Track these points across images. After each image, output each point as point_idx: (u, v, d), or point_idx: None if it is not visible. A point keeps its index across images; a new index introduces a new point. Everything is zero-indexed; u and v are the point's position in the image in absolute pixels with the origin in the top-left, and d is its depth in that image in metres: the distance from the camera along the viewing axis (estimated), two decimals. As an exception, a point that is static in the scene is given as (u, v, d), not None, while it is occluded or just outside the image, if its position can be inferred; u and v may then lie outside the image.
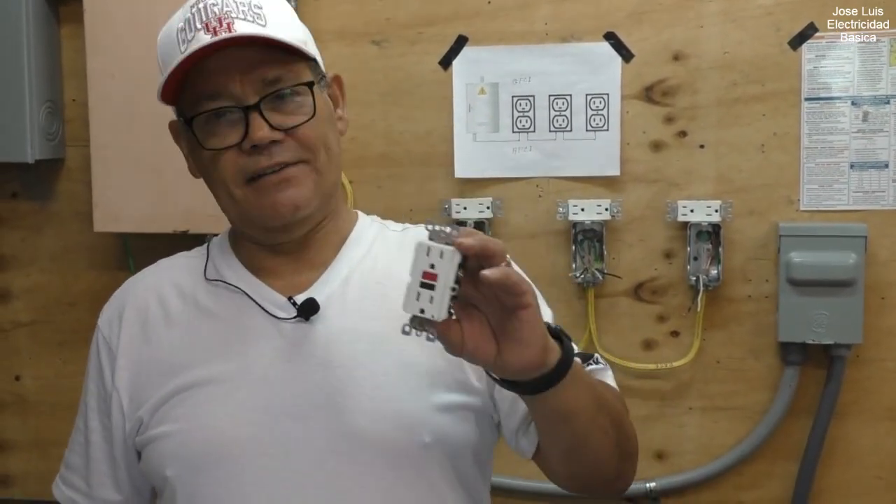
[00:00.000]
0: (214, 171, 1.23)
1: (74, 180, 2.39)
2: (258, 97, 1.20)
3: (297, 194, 1.22)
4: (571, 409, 1.10)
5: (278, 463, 1.21)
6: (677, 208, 2.18)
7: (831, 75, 2.14)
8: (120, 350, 1.31)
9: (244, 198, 1.22)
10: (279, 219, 1.23)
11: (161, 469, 1.25)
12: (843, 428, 2.21)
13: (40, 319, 2.45)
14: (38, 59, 2.27)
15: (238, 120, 1.20)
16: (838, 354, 2.16)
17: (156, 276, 1.37)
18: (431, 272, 0.99)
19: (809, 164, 2.17)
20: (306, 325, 1.25)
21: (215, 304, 1.30)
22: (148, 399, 1.28)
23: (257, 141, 1.19)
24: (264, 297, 1.28)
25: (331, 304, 1.26)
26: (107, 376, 1.32)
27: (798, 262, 2.12)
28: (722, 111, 2.18)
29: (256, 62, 1.21)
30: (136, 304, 1.34)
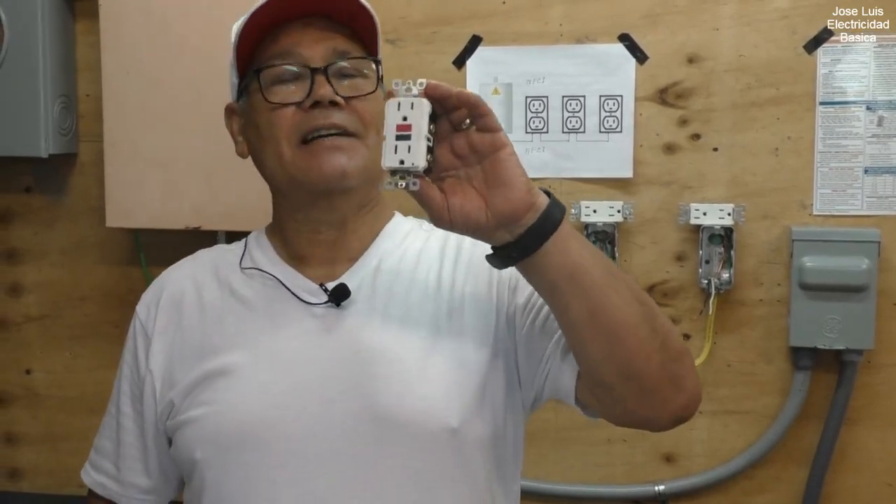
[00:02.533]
0: (269, 128, 1.26)
1: (87, 175, 2.40)
2: (325, 63, 1.25)
3: (347, 161, 1.25)
4: (576, 261, 1.07)
5: (305, 445, 1.22)
6: (690, 211, 2.18)
7: (846, 79, 2.13)
8: (155, 334, 1.35)
9: (293, 159, 1.25)
10: (325, 182, 1.25)
11: (190, 452, 1.27)
12: (853, 434, 2.20)
13: (51, 314, 2.46)
14: (52, 55, 2.28)
15: (304, 82, 1.25)
16: (850, 360, 2.15)
17: (194, 265, 1.42)
18: (405, 124, 1.03)
19: (823, 168, 2.16)
20: (336, 311, 1.28)
21: (249, 291, 1.33)
22: (179, 382, 1.30)
23: (319, 97, 1.23)
24: (297, 283, 1.31)
25: (361, 290, 1.29)
26: (141, 360, 1.36)
27: (810, 266, 2.11)
28: (736, 114, 2.17)
29: (331, 34, 1.28)
30: (173, 290, 1.37)
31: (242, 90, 1.33)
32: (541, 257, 1.06)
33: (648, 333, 1.10)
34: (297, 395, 1.24)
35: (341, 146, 1.24)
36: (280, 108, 1.25)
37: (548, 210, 1.06)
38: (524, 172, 1.06)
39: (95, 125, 2.31)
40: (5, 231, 2.45)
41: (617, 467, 2.30)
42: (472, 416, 1.23)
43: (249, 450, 1.23)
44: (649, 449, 2.29)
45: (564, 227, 1.06)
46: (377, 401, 1.22)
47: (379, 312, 1.28)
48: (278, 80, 1.26)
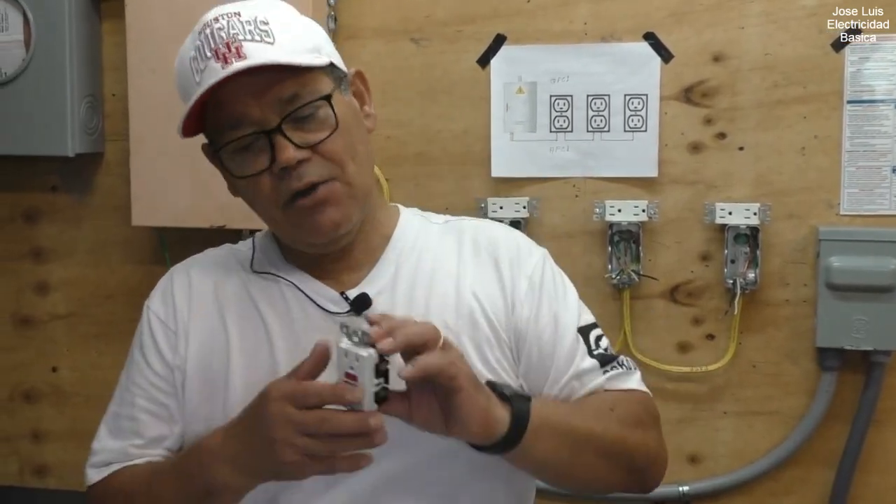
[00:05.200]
0: (252, 195, 1.25)
1: (113, 174, 2.41)
2: (279, 118, 1.20)
3: (336, 213, 1.24)
4: (540, 460, 1.20)
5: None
6: (715, 210, 2.16)
7: (875, 78, 2.11)
8: (179, 328, 1.32)
9: (285, 220, 1.25)
10: (322, 237, 1.25)
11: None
12: (880, 435, 2.19)
13: (77, 312, 2.48)
14: (79, 54, 2.29)
15: (264, 145, 1.21)
16: (877, 361, 2.13)
17: (205, 263, 1.39)
18: (352, 373, 1.07)
19: (850, 167, 2.14)
20: (358, 320, 1.26)
21: (266, 295, 1.32)
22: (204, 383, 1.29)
23: (284, 163, 1.19)
24: (316, 291, 1.30)
25: (381, 298, 1.28)
26: (166, 353, 1.32)
27: (837, 266, 2.10)
28: (762, 113, 2.16)
29: (271, 83, 1.20)
30: (186, 287, 1.35)
31: (209, 150, 1.30)
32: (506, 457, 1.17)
33: (611, 475, 1.27)
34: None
35: (323, 199, 1.22)
36: (253, 178, 1.22)
37: (506, 437, 1.14)
38: (484, 409, 1.11)
39: (121, 124, 2.32)
40: (32, 230, 2.47)
41: (641, 468, 2.29)
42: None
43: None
44: (673, 449, 2.24)
45: (526, 439, 1.15)
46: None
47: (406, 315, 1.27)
48: (238, 148, 1.22)
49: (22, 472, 2.52)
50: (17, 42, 2.26)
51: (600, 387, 1.31)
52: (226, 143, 1.22)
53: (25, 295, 2.49)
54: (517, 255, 1.35)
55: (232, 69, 1.18)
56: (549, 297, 1.35)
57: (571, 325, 1.35)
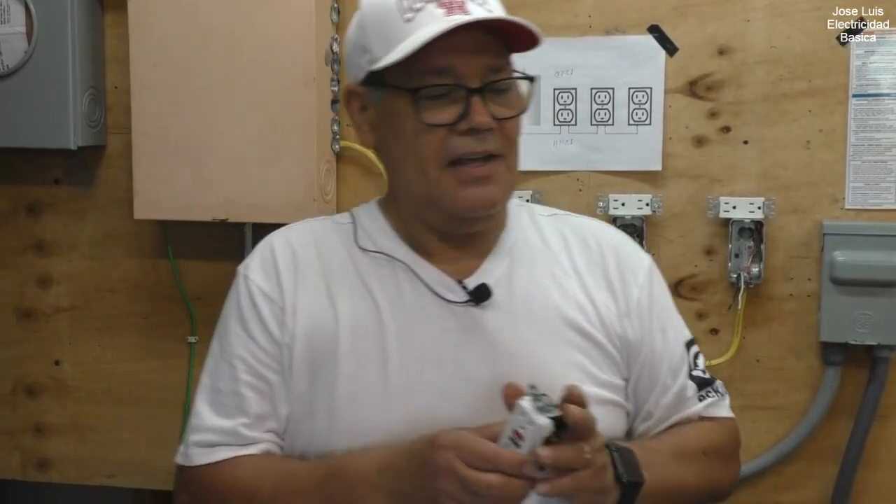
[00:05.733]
0: (417, 145, 1.21)
1: (115, 167, 2.40)
2: (481, 82, 1.20)
3: (495, 192, 1.23)
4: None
5: None
6: (719, 204, 2.16)
7: (880, 71, 2.10)
8: (286, 301, 1.27)
9: (439, 180, 1.21)
10: (472, 212, 1.23)
11: (329, 444, 1.22)
12: (884, 430, 2.18)
13: (80, 305, 2.47)
14: (81, 47, 2.29)
15: (457, 100, 1.19)
16: (881, 356, 2.13)
17: (310, 230, 1.34)
18: (521, 433, 1.07)
19: (856, 161, 2.13)
20: (476, 311, 1.25)
21: (377, 275, 1.28)
22: (311, 360, 1.25)
23: (477, 125, 1.19)
24: (432, 276, 1.27)
25: (498, 289, 1.26)
26: (272, 328, 1.27)
27: (842, 261, 2.09)
28: (767, 107, 2.15)
29: (487, 46, 1.21)
30: (292, 256, 1.30)
31: (379, 83, 1.24)
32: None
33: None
34: (443, 395, 1.22)
35: (490, 174, 1.21)
36: (427, 128, 1.19)
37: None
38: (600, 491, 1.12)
39: (124, 117, 2.32)
40: (35, 223, 2.47)
41: (644, 462, 2.29)
42: (607, 419, 1.23)
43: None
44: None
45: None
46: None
47: (517, 314, 1.26)
48: (430, 95, 1.20)
49: (24, 465, 2.52)
50: (19, 34, 2.26)
51: (697, 414, 1.34)
52: (427, 86, 1.19)
53: (28, 288, 2.49)
54: (628, 262, 1.35)
55: (469, 18, 1.17)
56: (659, 307, 1.35)
57: (680, 340, 1.36)
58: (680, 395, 1.34)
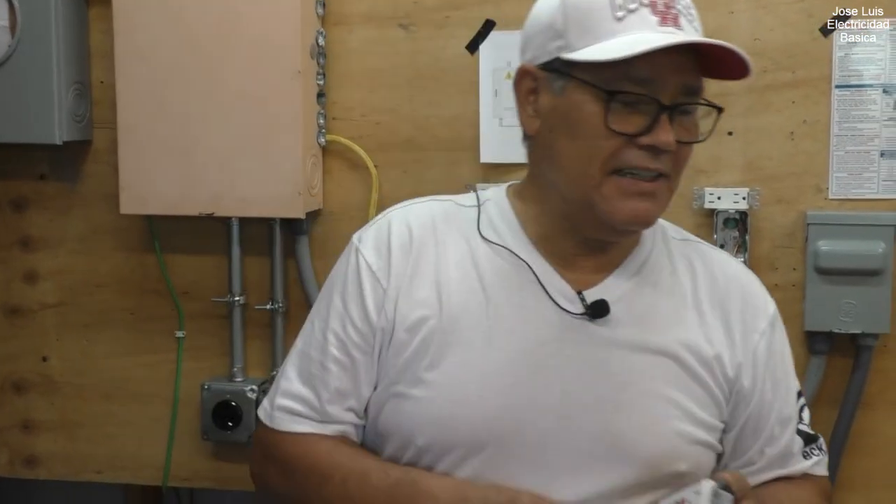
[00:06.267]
0: (589, 147, 1.17)
1: (102, 162, 2.40)
2: (672, 101, 1.17)
3: (654, 210, 1.20)
4: None
5: (536, 454, 1.20)
6: (704, 195, 2.17)
7: (863, 62, 2.12)
8: (391, 284, 1.25)
9: (600, 185, 1.17)
10: (628, 225, 1.21)
11: (409, 431, 1.22)
12: (869, 418, 2.20)
13: (67, 301, 2.47)
14: (66, 41, 2.28)
15: (646, 113, 1.16)
16: (865, 344, 2.14)
17: (430, 211, 1.31)
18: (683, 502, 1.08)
19: (839, 152, 2.15)
20: (590, 325, 1.23)
21: (495, 268, 1.25)
22: (406, 344, 1.23)
23: (661, 144, 1.16)
24: (552, 282, 1.24)
25: (619, 306, 1.24)
26: (370, 309, 1.25)
27: (826, 250, 2.11)
28: (751, 98, 2.16)
29: (686, 66, 1.18)
30: (407, 236, 1.28)
31: (564, 73, 1.20)
32: None
33: None
34: (536, 404, 1.20)
35: (654, 191, 1.18)
36: (613, 133, 1.16)
37: None
38: None
39: (109, 112, 2.31)
40: (20, 218, 2.46)
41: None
42: (699, 460, 1.25)
43: (476, 449, 1.20)
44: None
45: None
46: (617, 430, 1.20)
47: (632, 337, 1.24)
48: (622, 101, 1.16)
49: (12, 462, 2.52)
50: (3, 28, 2.24)
51: (803, 472, 1.34)
52: (625, 91, 1.15)
53: (14, 284, 2.48)
54: (754, 306, 1.33)
55: (687, 39, 1.14)
56: (778, 357, 1.34)
57: (792, 392, 1.35)
58: (787, 450, 1.33)
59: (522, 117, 1.25)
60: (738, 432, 1.31)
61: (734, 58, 1.17)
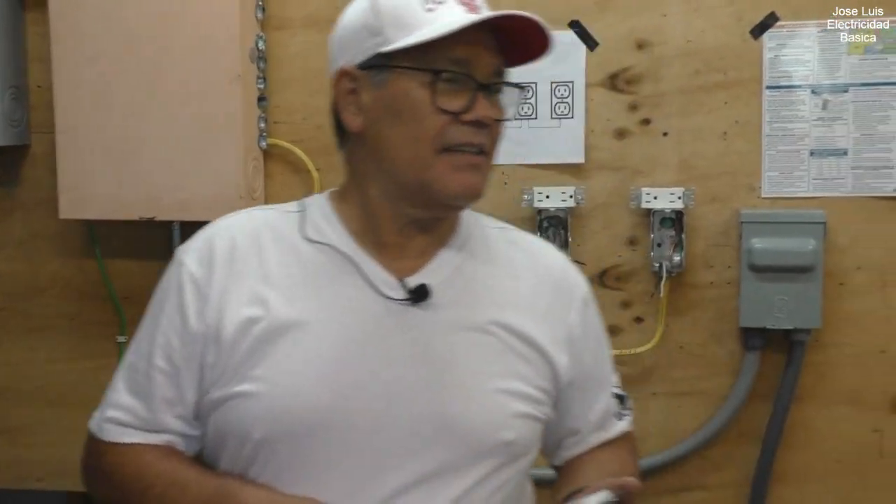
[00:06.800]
0: (420, 128, 1.23)
1: (40, 167, 2.38)
2: (489, 80, 1.24)
3: (481, 182, 1.26)
4: None
5: (367, 440, 1.23)
6: (641, 195, 2.21)
7: (792, 64, 2.17)
8: (212, 292, 1.28)
9: (433, 164, 1.23)
10: (459, 198, 1.26)
11: (245, 427, 1.24)
12: (802, 412, 2.25)
13: (7, 307, 2.45)
14: (2, 45, 2.26)
15: (466, 92, 1.23)
16: (798, 339, 2.19)
17: (249, 221, 1.34)
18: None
19: (770, 151, 2.20)
20: (412, 310, 1.27)
21: (318, 265, 1.29)
22: (235, 346, 1.26)
23: (482, 118, 1.23)
24: (374, 272, 1.28)
25: (438, 292, 1.28)
26: (191, 316, 1.28)
27: (759, 248, 2.15)
28: (685, 99, 2.21)
29: (496, 50, 1.26)
30: (227, 244, 1.30)
31: (385, 66, 1.25)
32: None
33: None
34: (365, 388, 1.24)
35: (479, 164, 1.25)
36: (439, 113, 1.23)
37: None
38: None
39: (48, 116, 2.29)
40: (-42, 224, 2.44)
41: (573, 449, 2.33)
42: (524, 430, 1.29)
43: (310, 437, 1.23)
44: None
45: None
46: (444, 409, 1.25)
47: (454, 318, 1.28)
48: (446, 80, 1.23)
49: (-47, 469, 2.49)
50: (-64, 33, 2.23)
51: (622, 432, 1.44)
52: (449, 70, 1.22)
53: (-47, 290, 2.46)
54: (568, 286, 1.39)
55: (502, 13, 1.22)
56: (592, 331, 1.41)
57: (607, 359, 1.45)
58: (606, 412, 1.42)
59: (345, 117, 1.30)
60: (563, 402, 1.38)
61: (540, 37, 1.27)
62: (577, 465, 1.41)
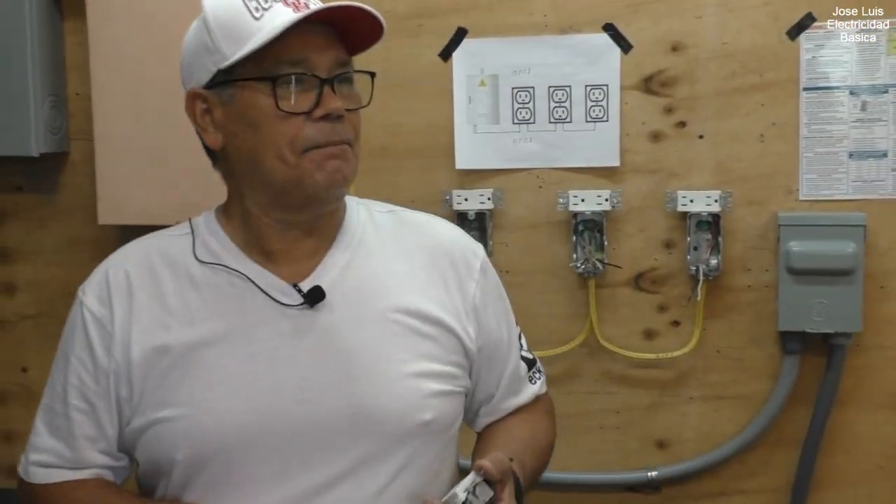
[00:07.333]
0: (275, 134, 1.25)
1: (78, 173, 2.41)
2: (330, 74, 1.26)
3: (348, 169, 1.28)
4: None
5: (288, 444, 1.25)
6: (677, 198, 2.19)
7: (829, 65, 2.15)
8: (116, 328, 1.30)
9: (298, 165, 1.25)
10: (328, 189, 1.27)
11: (168, 451, 1.27)
12: (843, 416, 2.22)
13: (45, 312, 2.47)
14: (41, 54, 2.29)
15: (310, 90, 1.25)
16: (838, 343, 2.17)
17: (140, 251, 1.38)
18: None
19: (808, 153, 2.17)
20: (311, 312, 1.29)
21: (213, 285, 1.31)
22: (145, 376, 1.28)
23: (332, 111, 1.24)
24: (268, 282, 1.30)
25: (333, 290, 1.30)
26: (99, 353, 1.31)
27: (797, 251, 2.13)
28: (721, 101, 2.19)
29: (334, 42, 1.28)
30: (122, 278, 1.33)
31: (226, 82, 1.27)
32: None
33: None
34: (277, 395, 1.26)
35: (343, 153, 1.27)
36: (289, 116, 1.24)
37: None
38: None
39: (86, 123, 2.32)
40: (-2, 231, 2.47)
41: (610, 454, 2.32)
42: (442, 408, 1.32)
43: (233, 451, 1.25)
44: (642, 435, 2.30)
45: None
46: (356, 401, 1.27)
47: (353, 313, 1.30)
48: (286, 84, 1.25)
49: (-6, 473, 2.52)
50: (-23, 43, 2.26)
51: (534, 395, 1.48)
52: (285, 74, 1.24)
53: (-7, 296, 2.49)
54: (464, 258, 1.41)
55: (320, 6, 1.24)
56: (494, 296, 1.44)
57: (512, 323, 1.47)
58: (516, 374, 1.45)
59: (206, 138, 1.32)
60: (476, 370, 1.40)
61: (372, 21, 1.28)
62: (490, 434, 1.44)
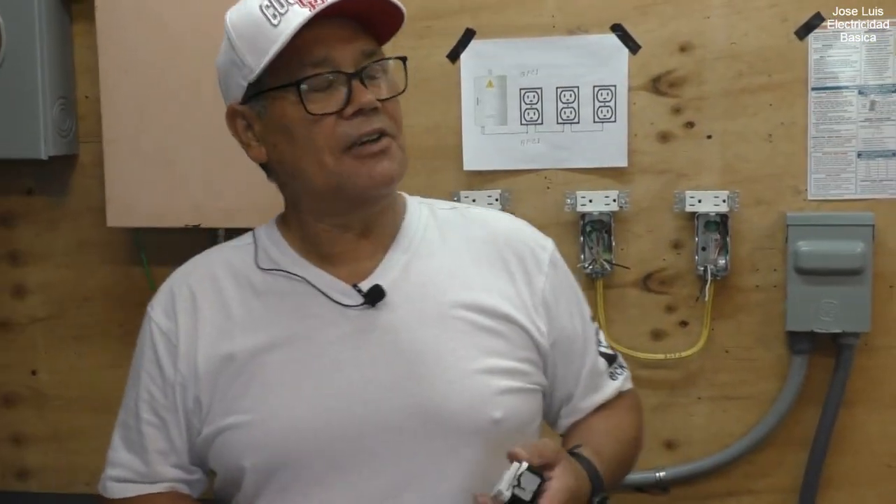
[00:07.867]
0: (310, 139, 1.24)
1: (88, 176, 2.42)
2: (357, 67, 1.25)
3: (392, 167, 1.26)
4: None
5: (355, 446, 1.25)
6: (685, 199, 2.19)
7: (838, 65, 2.15)
8: (181, 341, 1.32)
9: (339, 167, 1.24)
10: (374, 189, 1.26)
11: (237, 459, 1.28)
12: (852, 416, 2.22)
13: (55, 314, 2.48)
14: (50, 57, 2.30)
15: (338, 88, 1.24)
16: (846, 343, 2.17)
17: (206, 264, 1.39)
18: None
19: (816, 153, 2.17)
20: (372, 312, 1.29)
21: (275, 292, 1.32)
22: (213, 386, 1.30)
23: (364, 105, 1.23)
24: (327, 284, 1.31)
25: (395, 289, 1.30)
26: (167, 367, 1.33)
27: (806, 251, 2.13)
28: (729, 102, 2.19)
29: (357, 34, 1.26)
30: (188, 292, 1.35)
31: (258, 94, 1.28)
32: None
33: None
34: (342, 398, 1.26)
35: (385, 149, 1.25)
36: (321, 118, 1.23)
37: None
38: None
39: (95, 126, 2.33)
40: (8, 233, 2.48)
41: (618, 454, 2.32)
42: (513, 405, 1.30)
43: (300, 455, 1.26)
44: (650, 436, 2.28)
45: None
46: (423, 399, 1.26)
47: (415, 311, 1.30)
48: (312, 88, 1.24)
49: (4, 475, 2.53)
50: (-12, 45, 2.26)
51: (617, 391, 1.45)
52: (308, 76, 1.23)
53: (3, 298, 2.49)
54: (531, 250, 1.39)
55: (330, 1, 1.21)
56: (567, 290, 1.41)
57: (587, 317, 1.44)
58: (595, 370, 1.43)
59: (250, 153, 1.33)
60: (552, 367, 1.38)
61: (391, 9, 1.26)
62: (574, 434, 1.42)
